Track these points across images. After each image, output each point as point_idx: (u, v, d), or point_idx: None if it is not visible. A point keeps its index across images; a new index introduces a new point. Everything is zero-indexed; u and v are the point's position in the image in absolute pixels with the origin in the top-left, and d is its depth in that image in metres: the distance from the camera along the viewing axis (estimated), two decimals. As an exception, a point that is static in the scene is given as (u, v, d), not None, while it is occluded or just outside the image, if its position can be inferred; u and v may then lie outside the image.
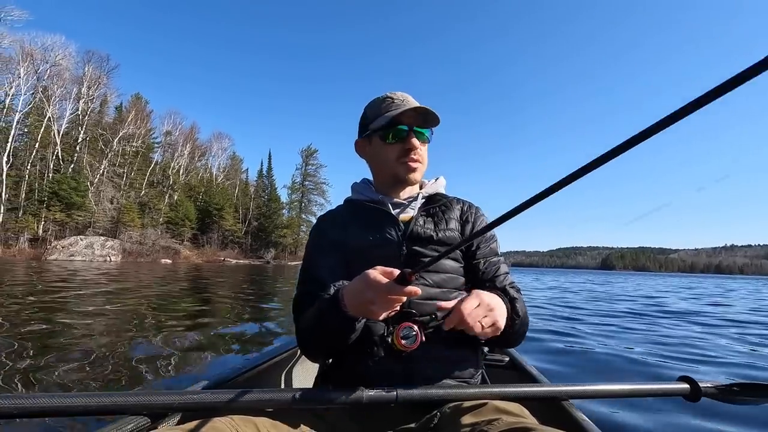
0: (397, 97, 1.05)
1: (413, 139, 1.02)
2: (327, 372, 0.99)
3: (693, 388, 0.90)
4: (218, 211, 45.35)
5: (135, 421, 0.72)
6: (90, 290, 7.75)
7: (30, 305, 5.30)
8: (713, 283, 33.53)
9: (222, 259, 39.42)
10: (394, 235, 0.99)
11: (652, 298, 11.02)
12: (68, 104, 35.34)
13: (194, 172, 49.12)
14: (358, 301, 0.74)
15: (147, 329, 4.04)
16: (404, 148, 1.02)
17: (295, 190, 56.84)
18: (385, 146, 1.04)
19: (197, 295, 7.85)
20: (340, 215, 1.10)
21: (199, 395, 0.74)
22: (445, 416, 0.81)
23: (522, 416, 0.75)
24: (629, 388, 0.90)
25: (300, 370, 1.54)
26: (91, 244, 27.56)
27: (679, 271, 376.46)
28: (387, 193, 1.09)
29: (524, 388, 0.86)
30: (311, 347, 0.93)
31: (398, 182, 1.07)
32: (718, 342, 4.30)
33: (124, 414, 0.73)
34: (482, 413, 0.76)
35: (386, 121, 1.01)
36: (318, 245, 1.04)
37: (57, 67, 33.89)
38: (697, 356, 3.51)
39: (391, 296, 0.68)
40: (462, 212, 1.09)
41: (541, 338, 4.16)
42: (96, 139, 37.04)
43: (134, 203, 37.39)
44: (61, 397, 0.68)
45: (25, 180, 30.95)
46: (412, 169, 1.04)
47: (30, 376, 2.39)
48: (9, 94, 31.24)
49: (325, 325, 0.83)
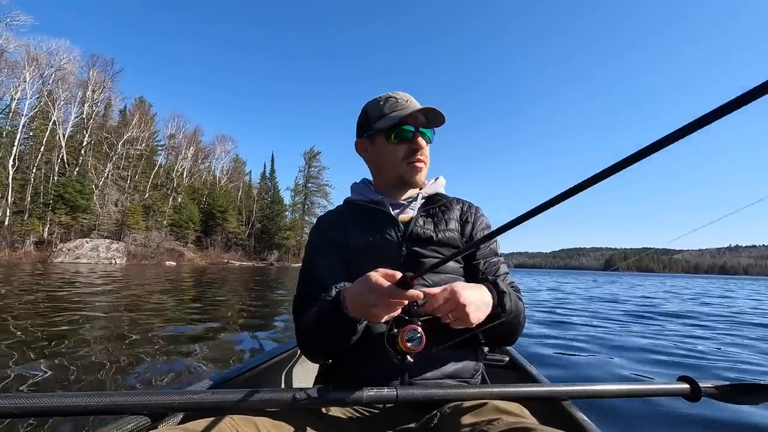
0: (400, 97, 1.04)
1: (419, 139, 1.01)
2: (327, 372, 0.99)
3: (693, 388, 0.90)
4: (222, 214, 45.56)
5: (135, 421, 0.73)
6: (97, 291, 7.81)
7: (35, 307, 5.36)
8: (718, 283, 33.22)
9: (226, 261, 39.58)
10: (393, 236, 0.99)
11: (649, 299, 10.98)
12: (73, 108, 35.64)
13: (198, 174, 49.33)
14: (360, 303, 0.74)
15: (148, 330, 4.08)
16: (411, 149, 1.02)
17: (298, 192, 57.15)
18: (391, 146, 1.03)
19: (202, 297, 7.89)
20: (340, 216, 1.09)
21: (199, 395, 0.74)
22: (445, 416, 0.82)
23: (522, 416, 0.75)
24: (629, 388, 0.90)
25: (300, 370, 1.54)
26: (96, 246, 27.77)
27: (683, 272, 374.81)
28: (387, 193, 1.09)
29: (524, 388, 0.86)
30: (311, 348, 0.93)
31: (402, 183, 1.07)
32: (720, 342, 4.30)
33: (124, 414, 0.73)
34: (482, 413, 0.76)
35: (393, 121, 1.00)
36: (318, 246, 1.04)
37: (62, 71, 34.17)
38: (698, 356, 3.51)
39: (392, 300, 0.69)
40: (462, 212, 1.09)
41: (542, 338, 4.17)
42: (101, 142, 37.31)
43: (138, 206, 37.59)
44: (61, 397, 0.68)
45: (31, 183, 31.14)
46: (418, 169, 1.04)
47: (35, 375, 2.44)
48: (15, 98, 31.53)
49: (327, 326, 0.83)
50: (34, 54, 32.25)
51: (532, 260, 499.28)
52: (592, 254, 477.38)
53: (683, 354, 3.59)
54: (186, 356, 3.08)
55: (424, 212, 1.05)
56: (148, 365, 2.79)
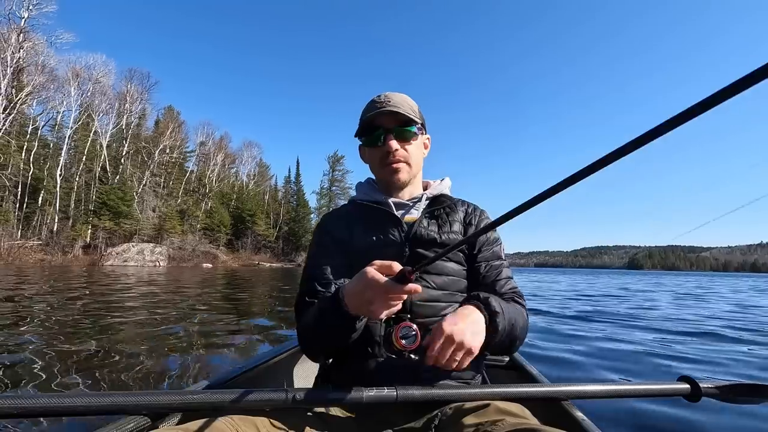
0: (380, 98, 1.01)
1: (391, 141, 1.00)
2: (327, 372, 0.98)
3: (693, 388, 0.89)
4: (251, 217, 47.06)
5: (135, 421, 0.73)
6: (188, 292, 8.65)
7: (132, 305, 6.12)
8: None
9: (257, 263, 40.93)
10: (397, 237, 0.98)
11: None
12: (111, 119, 37.52)
13: (226, 179, 51.04)
14: (358, 300, 0.73)
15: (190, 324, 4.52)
16: (383, 151, 1.01)
17: (323, 195, 58.51)
18: (369, 150, 1.06)
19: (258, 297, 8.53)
20: (345, 215, 1.08)
21: (199, 395, 0.73)
22: (446, 417, 0.82)
23: (525, 417, 0.75)
24: (629, 388, 0.90)
25: (300, 370, 1.54)
26: (141, 250, 29.20)
27: (711, 270, 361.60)
28: (390, 194, 1.07)
29: (525, 388, 0.85)
30: (312, 346, 0.92)
31: (390, 185, 1.06)
32: (722, 342, 4.22)
33: (124, 414, 0.73)
34: (485, 414, 0.75)
35: (362, 126, 1.02)
36: (321, 244, 1.03)
37: (100, 84, 36.00)
38: (698, 356, 3.47)
39: (390, 295, 0.68)
40: (466, 214, 1.08)
41: (542, 338, 4.13)
42: (138, 151, 39.20)
43: (174, 211, 39.33)
44: (61, 397, 0.68)
45: (74, 191, 32.96)
46: (395, 170, 1.03)
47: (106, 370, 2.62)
48: (60, 112, 33.52)
49: (326, 323, 0.82)
50: (77, 69, 34.16)
51: (553, 259, 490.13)
52: (615, 252, 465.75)
53: (683, 354, 3.54)
54: (223, 353, 3.23)
55: (429, 213, 1.04)
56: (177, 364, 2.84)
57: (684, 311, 7.21)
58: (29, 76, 30.00)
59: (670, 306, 8.27)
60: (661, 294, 12.22)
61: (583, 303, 8.48)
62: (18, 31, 28.68)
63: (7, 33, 28.18)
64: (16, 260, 24.61)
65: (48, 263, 25.18)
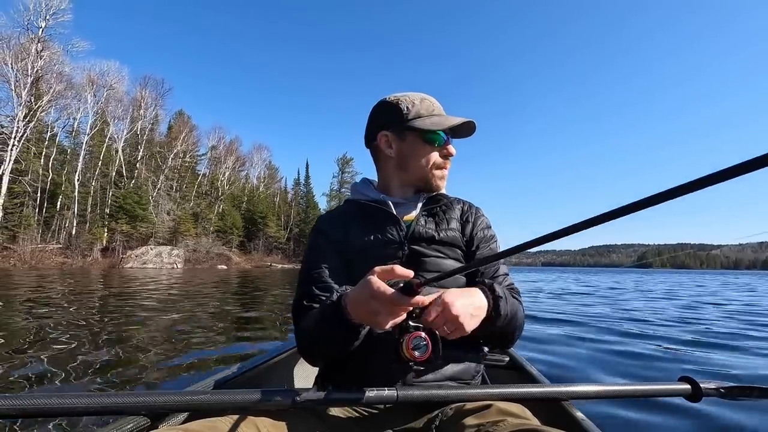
0: (435, 102, 1.05)
1: (451, 147, 1.04)
2: (328, 372, 0.98)
3: (694, 389, 0.89)
4: (262, 219, 47.85)
5: (135, 421, 0.73)
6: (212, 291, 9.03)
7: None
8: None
9: (269, 264, 41.70)
10: (395, 235, 0.98)
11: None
12: (125, 124, 38.34)
13: (236, 182, 51.86)
14: (363, 310, 0.72)
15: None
16: (443, 154, 1.04)
17: (333, 197, 59.13)
18: (426, 147, 1.03)
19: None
20: (341, 216, 1.08)
21: (199, 395, 0.73)
22: (447, 417, 0.81)
23: (526, 417, 0.75)
24: (630, 388, 0.89)
25: (300, 370, 1.54)
26: (159, 252, 29.89)
27: (722, 268, 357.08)
28: (389, 192, 1.08)
29: (525, 388, 0.85)
30: (312, 352, 0.91)
31: (423, 185, 1.06)
32: (723, 343, 4.08)
33: (124, 414, 0.73)
34: (486, 415, 0.75)
35: (435, 123, 1.01)
36: (318, 246, 1.02)
37: (114, 90, 36.76)
38: (698, 356, 3.43)
39: (396, 306, 0.67)
40: (462, 212, 1.09)
41: (543, 338, 4.11)
42: (153, 155, 40.10)
43: (188, 214, 40.15)
44: (61, 397, 0.67)
45: (91, 195, 33.72)
46: (444, 176, 1.07)
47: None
48: (76, 118, 34.36)
49: (328, 331, 0.81)
50: (93, 77, 34.95)
51: (560, 258, 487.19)
52: (623, 250, 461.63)
53: (683, 354, 3.51)
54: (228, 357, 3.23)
55: (426, 212, 1.04)
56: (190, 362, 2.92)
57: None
58: (47, 84, 30.77)
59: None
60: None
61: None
62: (36, 40, 29.42)
63: (27, 43, 28.94)
64: (38, 263, 25.24)
65: (69, 266, 25.81)
